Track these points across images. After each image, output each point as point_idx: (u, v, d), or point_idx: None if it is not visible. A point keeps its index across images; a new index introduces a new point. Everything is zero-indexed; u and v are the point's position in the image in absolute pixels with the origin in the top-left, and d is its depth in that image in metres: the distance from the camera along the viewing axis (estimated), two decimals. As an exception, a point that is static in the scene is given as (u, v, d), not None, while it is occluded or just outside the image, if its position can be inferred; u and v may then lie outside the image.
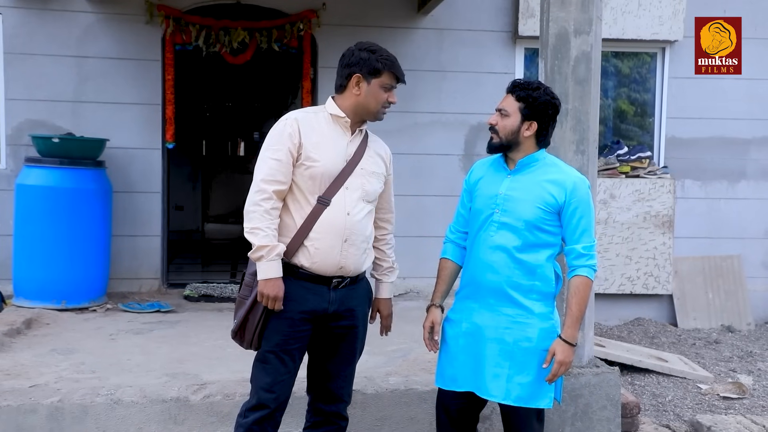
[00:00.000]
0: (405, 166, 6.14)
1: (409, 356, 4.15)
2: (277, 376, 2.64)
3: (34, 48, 5.77)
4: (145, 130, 5.95)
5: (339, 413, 2.82)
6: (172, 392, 3.38)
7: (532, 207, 2.66)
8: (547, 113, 2.71)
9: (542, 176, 2.71)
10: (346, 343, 2.77)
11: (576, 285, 2.66)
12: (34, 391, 3.38)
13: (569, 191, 2.66)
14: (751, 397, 4.66)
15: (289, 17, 6.07)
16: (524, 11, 6.17)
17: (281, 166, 2.59)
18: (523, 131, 2.71)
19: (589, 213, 2.68)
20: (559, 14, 3.66)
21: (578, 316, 2.65)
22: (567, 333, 2.64)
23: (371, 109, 2.68)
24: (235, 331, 2.67)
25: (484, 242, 2.73)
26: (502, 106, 2.74)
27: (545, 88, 2.74)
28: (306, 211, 2.62)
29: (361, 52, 2.65)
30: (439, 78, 6.22)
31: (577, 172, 2.78)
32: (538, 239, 2.68)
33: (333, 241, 2.62)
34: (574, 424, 3.59)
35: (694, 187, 6.59)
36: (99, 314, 5.21)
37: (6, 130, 5.80)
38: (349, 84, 2.66)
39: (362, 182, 2.69)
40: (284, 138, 2.61)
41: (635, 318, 6.45)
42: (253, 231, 2.54)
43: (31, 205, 5.21)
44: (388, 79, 2.66)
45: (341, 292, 2.69)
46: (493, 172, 2.81)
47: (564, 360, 2.61)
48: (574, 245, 2.67)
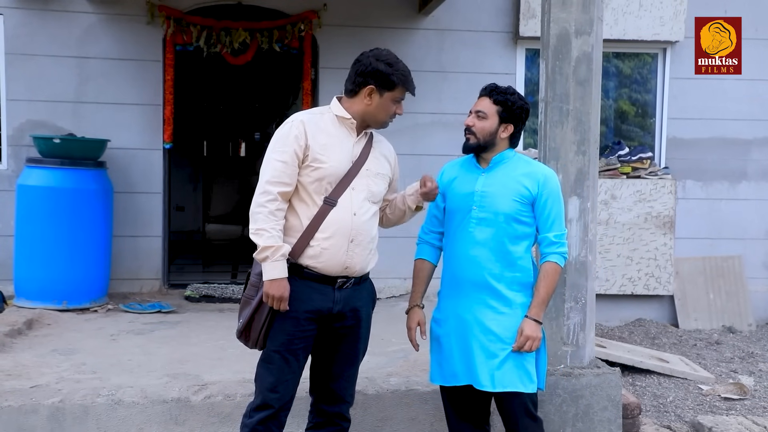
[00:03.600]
0: (405, 167, 6.05)
1: (410, 357, 4.15)
2: (281, 376, 2.65)
3: (35, 48, 5.77)
4: (146, 130, 5.95)
5: (341, 414, 2.82)
6: (173, 393, 3.38)
7: (508, 200, 2.81)
8: (522, 117, 2.88)
9: (515, 171, 2.86)
10: (349, 343, 2.78)
11: (546, 270, 2.81)
12: (35, 392, 3.38)
13: (541, 183, 2.82)
14: (752, 397, 4.66)
15: (290, 18, 6.07)
16: (525, 12, 6.17)
17: (286, 168, 2.60)
18: (500, 133, 2.86)
19: (558, 203, 2.84)
20: (560, 15, 3.66)
21: (545, 298, 2.81)
22: (533, 311, 2.78)
23: (380, 119, 2.74)
24: (241, 330, 2.69)
25: (464, 239, 2.85)
26: (479, 108, 2.88)
27: (518, 93, 2.91)
28: (312, 211, 2.64)
29: (379, 63, 2.67)
30: (439, 79, 6.22)
31: (546, 166, 2.99)
32: (516, 231, 2.82)
33: (339, 242, 2.64)
34: (575, 425, 3.59)
35: (695, 187, 6.59)
36: (100, 315, 5.22)
37: (7, 130, 5.81)
38: (361, 92, 2.69)
39: (368, 183, 2.72)
40: (290, 140, 2.62)
41: (636, 319, 6.45)
42: (258, 232, 2.56)
43: (32, 206, 5.21)
44: (400, 93, 2.72)
45: (346, 292, 2.71)
46: (465, 172, 2.96)
47: (531, 334, 2.75)
48: (546, 233, 2.83)
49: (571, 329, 3.68)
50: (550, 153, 3.71)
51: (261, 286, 2.60)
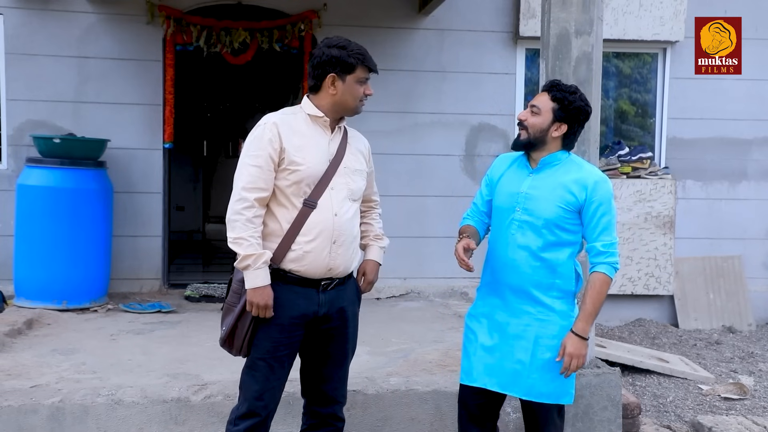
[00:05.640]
0: (405, 167, 6.14)
1: (409, 357, 4.15)
2: (266, 383, 2.61)
3: (35, 48, 5.77)
4: (146, 130, 5.95)
5: (335, 414, 2.79)
6: (173, 393, 3.38)
7: (552, 206, 2.68)
8: (579, 118, 2.75)
9: (564, 175, 2.72)
10: (338, 344, 2.73)
11: (593, 281, 2.67)
12: (35, 392, 3.38)
13: (590, 190, 2.67)
14: (752, 397, 4.66)
15: (290, 18, 6.07)
16: (525, 12, 6.17)
17: (262, 173, 2.54)
18: (552, 131, 2.73)
19: (610, 211, 2.69)
20: (560, 15, 3.67)
21: (591, 311, 2.65)
22: (578, 326, 2.65)
23: (350, 105, 2.65)
24: (224, 338, 2.64)
25: (506, 241, 2.75)
26: (535, 103, 2.75)
27: (581, 93, 2.77)
28: (292, 214, 2.58)
29: (332, 49, 2.59)
30: (439, 78, 6.22)
31: (599, 171, 2.79)
32: (559, 238, 2.70)
33: (322, 244, 2.59)
34: (575, 425, 3.59)
35: (695, 187, 6.59)
36: (100, 314, 5.22)
37: (7, 130, 5.81)
38: (324, 84, 2.61)
39: (347, 181, 2.66)
40: (264, 143, 2.55)
41: (636, 319, 6.45)
42: (237, 241, 2.51)
43: (32, 206, 5.21)
44: (363, 73, 2.62)
45: (331, 293, 2.67)
46: (515, 169, 2.83)
47: (573, 352, 2.62)
48: (594, 243, 2.68)
49: (571, 329, 3.67)
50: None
51: (243, 293, 2.55)
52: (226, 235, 2.56)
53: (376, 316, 5.24)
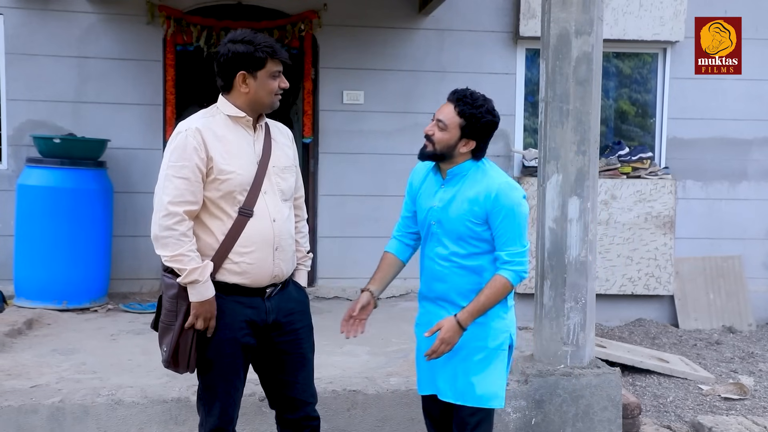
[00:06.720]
0: (405, 167, 6.07)
1: (409, 357, 4.14)
2: (228, 399, 2.55)
3: (35, 48, 5.78)
4: (146, 130, 5.95)
5: (308, 416, 2.71)
6: (173, 392, 3.38)
7: (462, 222, 2.64)
8: (487, 133, 2.66)
9: (470, 188, 2.65)
10: (294, 348, 2.65)
11: (493, 281, 2.62)
12: (35, 392, 3.38)
13: (492, 201, 2.59)
14: (752, 397, 4.66)
15: (291, 18, 6.07)
16: (525, 12, 6.17)
17: (189, 185, 2.41)
18: (460, 147, 2.65)
19: (513, 220, 2.60)
20: (560, 15, 3.67)
21: (480, 308, 2.59)
22: (462, 315, 2.60)
23: (265, 101, 2.53)
24: (168, 360, 2.50)
25: (431, 253, 2.75)
26: (441, 117, 2.65)
27: (487, 105, 2.65)
28: (227, 225, 2.47)
29: (237, 45, 2.45)
30: (439, 78, 6.21)
31: (505, 177, 2.68)
32: (477, 247, 2.66)
33: (264, 253, 2.51)
34: (575, 425, 3.59)
35: (695, 187, 6.59)
36: (100, 314, 5.22)
37: (7, 130, 5.81)
38: (235, 83, 2.49)
39: (277, 181, 2.57)
40: (188, 152, 2.41)
41: (636, 319, 6.45)
42: (177, 258, 2.39)
43: (32, 206, 5.21)
44: (274, 66, 2.50)
45: (275, 300, 2.59)
46: (430, 180, 2.78)
47: (446, 338, 2.57)
48: (500, 252, 2.63)
49: (571, 329, 3.67)
50: (550, 153, 3.72)
51: (180, 310, 2.44)
52: (157, 253, 2.44)
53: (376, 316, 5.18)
